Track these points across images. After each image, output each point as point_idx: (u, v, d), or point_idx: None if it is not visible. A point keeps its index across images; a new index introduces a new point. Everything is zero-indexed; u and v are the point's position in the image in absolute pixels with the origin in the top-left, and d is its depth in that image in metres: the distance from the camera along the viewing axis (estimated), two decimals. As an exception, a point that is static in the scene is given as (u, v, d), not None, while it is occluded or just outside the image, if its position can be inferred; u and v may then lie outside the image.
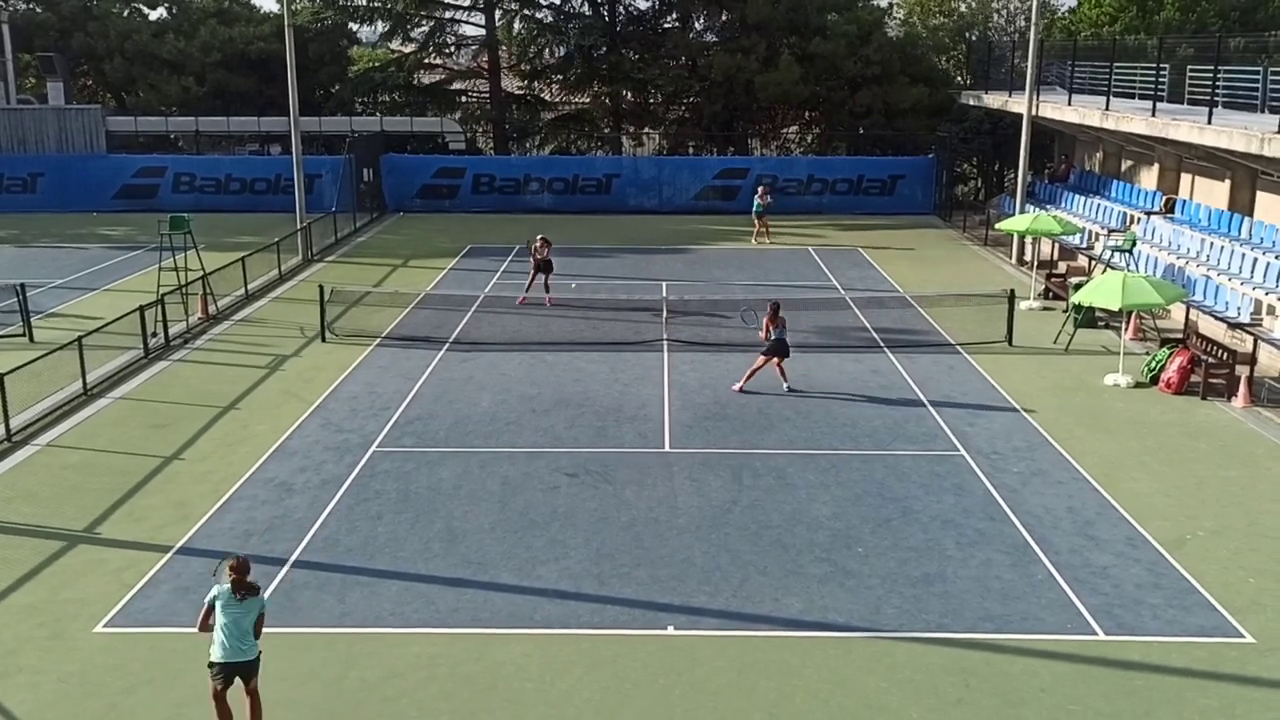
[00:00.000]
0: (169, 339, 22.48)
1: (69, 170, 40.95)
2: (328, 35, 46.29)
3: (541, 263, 25.73)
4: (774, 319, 19.04)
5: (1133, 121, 26.50)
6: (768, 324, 19.09)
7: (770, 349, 19.13)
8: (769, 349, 19.14)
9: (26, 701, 10.25)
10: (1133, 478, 15.57)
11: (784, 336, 19.15)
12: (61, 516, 14.26)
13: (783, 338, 19.12)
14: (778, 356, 19.16)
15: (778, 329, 19.04)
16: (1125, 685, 10.53)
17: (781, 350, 19.16)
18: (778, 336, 19.06)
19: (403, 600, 12.12)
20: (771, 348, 19.11)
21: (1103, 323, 23.63)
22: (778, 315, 19.07)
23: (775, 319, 19.04)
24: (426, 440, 17.10)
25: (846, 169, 41.09)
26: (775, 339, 19.07)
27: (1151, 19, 38.36)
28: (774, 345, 19.09)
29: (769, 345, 19.12)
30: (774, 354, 19.12)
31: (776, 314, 19.07)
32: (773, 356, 19.13)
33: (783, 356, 19.23)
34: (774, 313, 19.07)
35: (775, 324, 19.03)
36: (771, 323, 19.04)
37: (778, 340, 19.07)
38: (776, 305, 19.23)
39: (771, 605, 11.99)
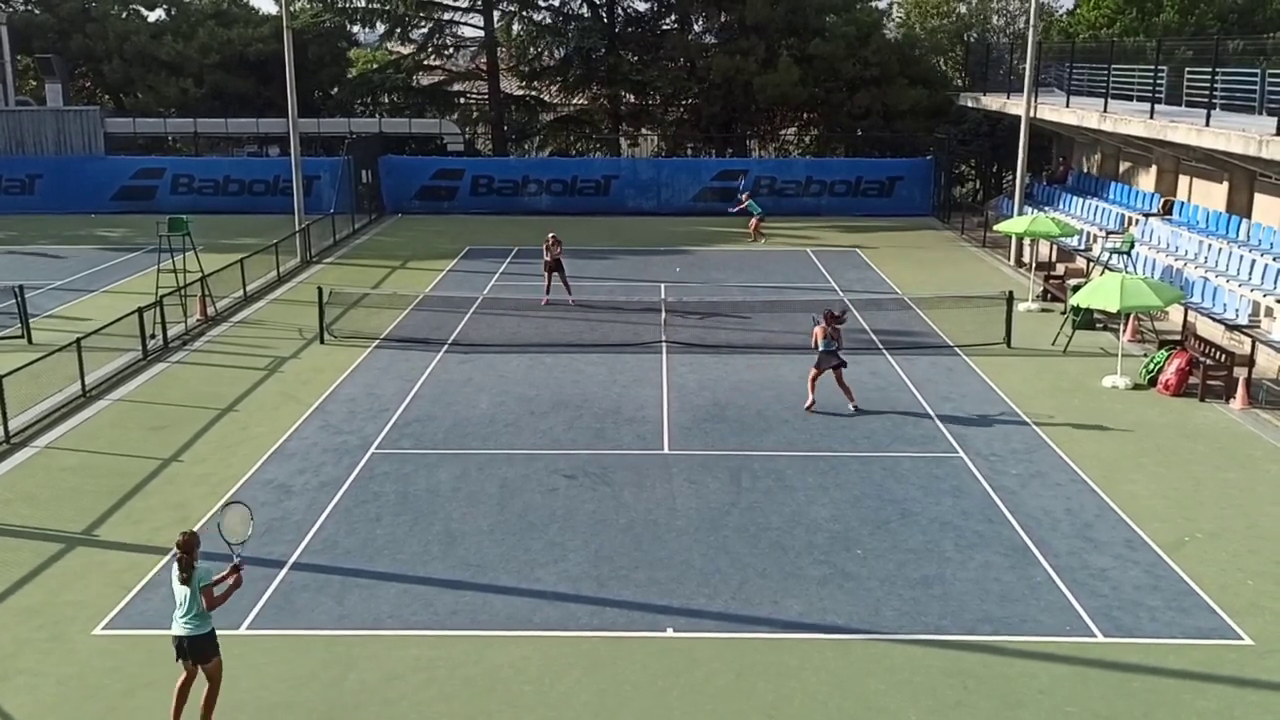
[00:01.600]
0: (168, 341, 22.48)
1: (67, 172, 40.94)
2: (327, 37, 46.32)
3: (552, 263, 25.73)
4: (826, 329, 18.03)
5: (1131, 123, 26.53)
6: (817, 334, 18.15)
7: (819, 362, 18.21)
8: (818, 361, 18.22)
9: (26, 704, 10.24)
10: (1131, 480, 15.58)
11: (833, 348, 18.10)
12: (60, 518, 14.25)
13: (831, 348, 18.09)
14: (831, 367, 18.12)
15: (826, 341, 18.05)
16: (1124, 687, 10.54)
17: (834, 364, 18.12)
18: (825, 348, 18.09)
19: (402, 602, 12.12)
20: (820, 360, 18.19)
21: (1101, 324, 23.65)
22: (831, 325, 18.03)
23: (827, 329, 18.02)
24: (425, 442, 17.10)
25: (845, 170, 41.13)
26: (822, 350, 18.12)
27: (1150, 21, 38.43)
28: (821, 356, 18.17)
29: (818, 357, 18.23)
30: (823, 368, 18.17)
31: (830, 324, 18.04)
32: (823, 370, 18.18)
33: (835, 367, 18.13)
34: (828, 321, 18.08)
35: (826, 334, 18.02)
36: (824, 332, 18.04)
37: (825, 352, 18.10)
38: (831, 315, 18.21)
39: (770, 607, 12.00)
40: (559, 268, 25.81)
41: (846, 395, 18.26)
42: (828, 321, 18.13)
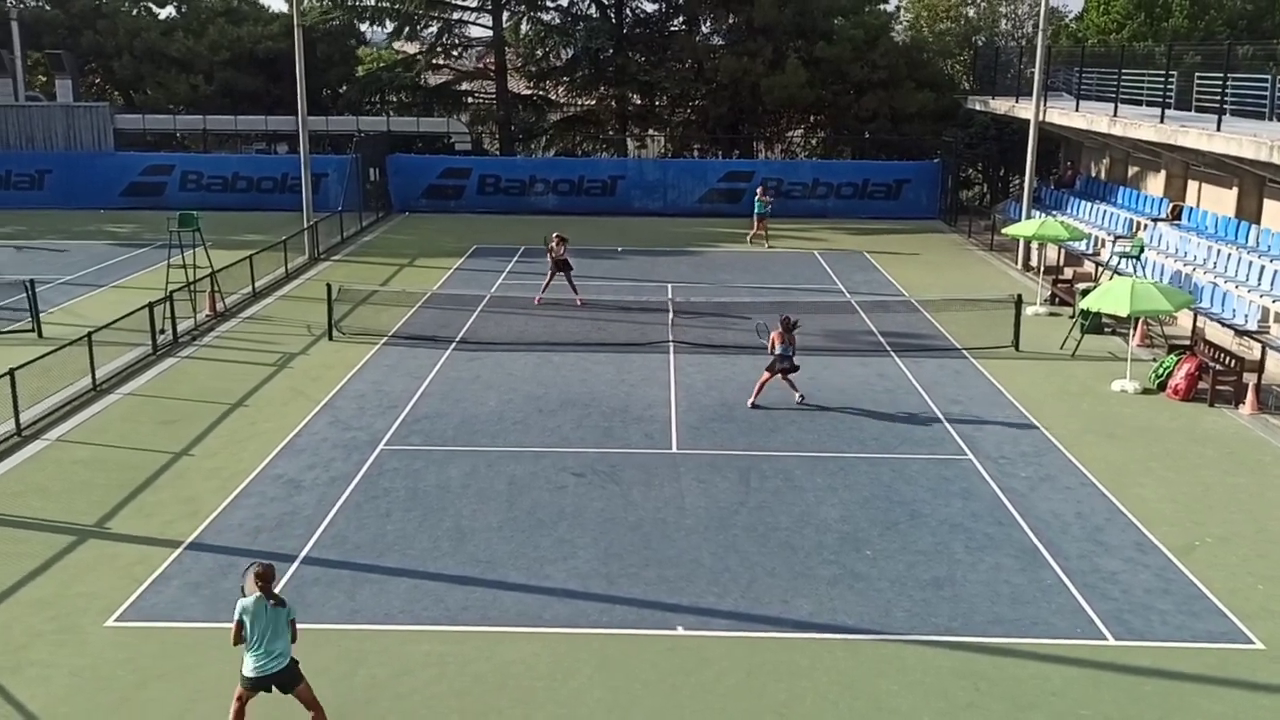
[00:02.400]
0: (177, 336, 22.52)
1: (76, 168, 41.01)
2: (336, 35, 46.36)
3: (559, 262, 25.75)
4: (783, 335, 18.36)
5: (1141, 128, 26.52)
6: (774, 339, 18.45)
7: (772, 364, 18.52)
8: (771, 364, 18.54)
9: (38, 696, 10.27)
10: (1140, 484, 15.58)
11: (789, 354, 18.47)
12: (72, 511, 14.28)
13: (788, 354, 18.45)
14: (782, 372, 18.51)
15: (784, 345, 18.36)
16: (1135, 690, 10.54)
17: (785, 366, 18.51)
18: (782, 353, 18.40)
19: (412, 598, 12.14)
20: (773, 363, 18.50)
21: (1109, 329, 23.64)
22: (788, 332, 18.36)
23: (784, 335, 18.35)
24: (434, 439, 17.12)
25: (851, 173, 41.12)
26: (779, 354, 18.41)
27: (1159, 26, 38.38)
28: (775, 361, 18.45)
29: (771, 360, 18.54)
30: (775, 370, 18.49)
31: (787, 330, 18.36)
32: (775, 373, 18.50)
33: (786, 372, 18.55)
34: (785, 328, 18.37)
35: (783, 340, 18.35)
36: (780, 338, 18.37)
37: (781, 356, 18.41)
38: (788, 322, 18.49)
39: (780, 607, 12.01)
40: (565, 267, 25.82)
41: (792, 387, 18.77)
42: (784, 329, 18.37)
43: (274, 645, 9.33)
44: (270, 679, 9.40)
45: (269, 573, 9.45)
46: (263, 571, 9.42)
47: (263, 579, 9.38)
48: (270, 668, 9.36)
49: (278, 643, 9.35)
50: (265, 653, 9.33)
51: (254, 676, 9.34)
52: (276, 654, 9.36)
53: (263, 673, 9.35)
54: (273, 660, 9.35)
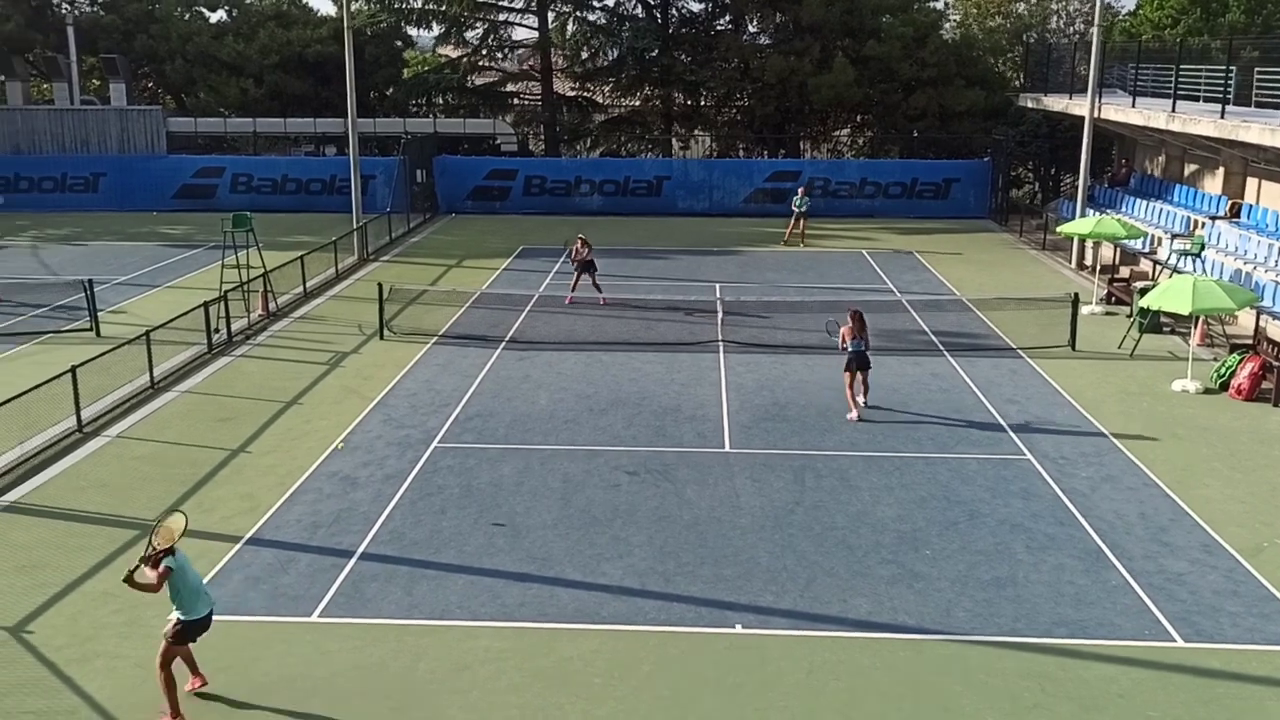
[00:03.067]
0: (231, 335, 22.77)
1: (130, 170, 41.67)
2: (383, 38, 46.73)
3: (583, 263, 25.81)
4: (854, 329, 17.79)
5: (1200, 123, 26.04)
6: (845, 334, 17.86)
7: (847, 362, 17.95)
8: (846, 363, 17.95)
9: (106, 686, 10.40)
10: (1205, 484, 15.27)
11: (861, 348, 17.83)
12: (133, 506, 14.47)
13: (860, 349, 17.82)
14: (860, 370, 17.93)
15: (854, 340, 17.78)
16: (1206, 693, 10.32)
17: (860, 363, 17.89)
18: (854, 348, 17.80)
19: (469, 593, 12.15)
20: (848, 360, 17.93)
21: (1168, 328, 23.23)
22: (859, 325, 17.82)
23: (855, 329, 17.78)
24: (487, 437, 17.16)
25: (899, 172, 40.78)
26: (851, 350, 17.83)
27: (1216, 21, 37.72)
28: (850, 358, 17.89)
29: (846, 359, 17.95)
30: (854, 369, 17.87)
31: (858, 323, 17.82)
32: (855, 371, 17.90)
33: (862, 369, 17.97)
34: (855, 322, 17.82)
35: (854, 334, 17.75)
36: (850, 333, 17.78)
37: (854, 352, 17.82)
38: (857, 315, 17.94)
39: (839, 606, 11.89)
40: (591, 268, 25.87)
41: (864, 398, 18.14)
42: (854, 322, 17.78)
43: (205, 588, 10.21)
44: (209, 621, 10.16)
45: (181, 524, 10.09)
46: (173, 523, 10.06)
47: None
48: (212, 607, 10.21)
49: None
50: (207, 594, 10.18)
51: (204, 615, 10.09)
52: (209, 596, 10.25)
53: (211, 611, 10.17)
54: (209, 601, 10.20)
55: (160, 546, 9.81)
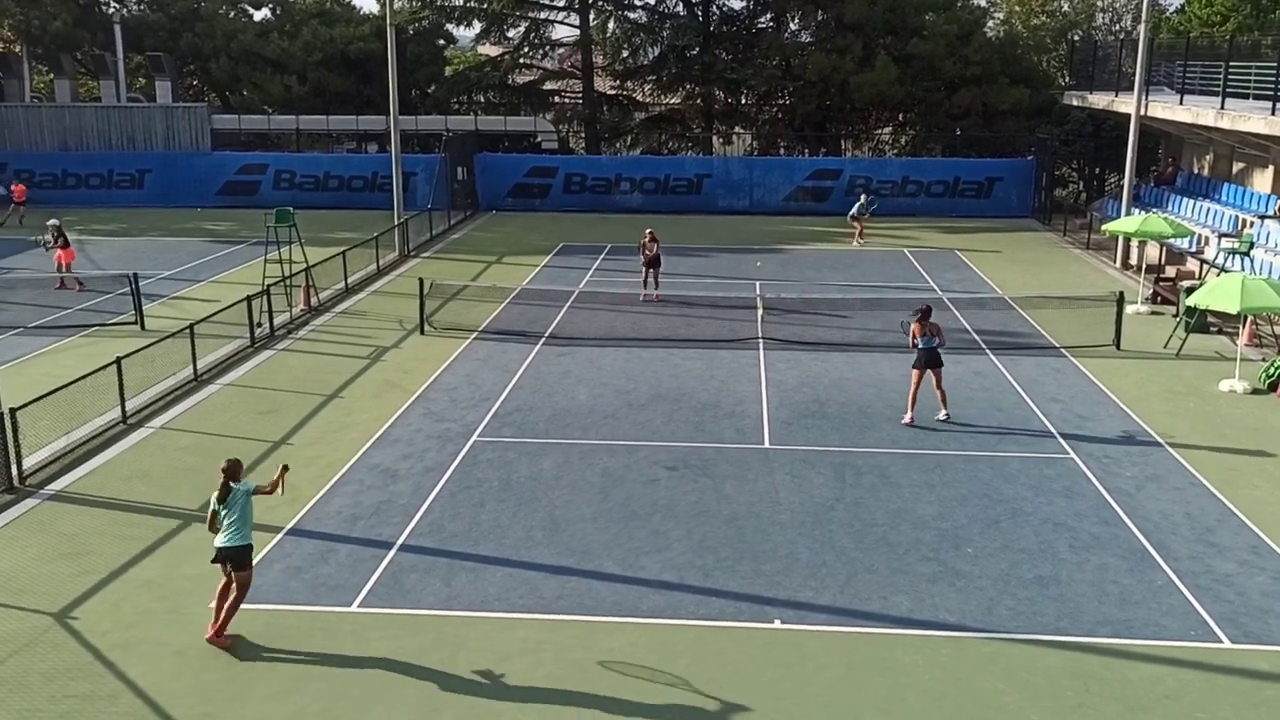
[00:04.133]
0: (274, 329, 22.99)
1: (175, 167, 42.25)
2: (424, 35, 47.05)
3: (652, 258, 25.84)
4: (922, 325, 17.16)
5: (1251, 120, 25.60)
6: (915, 330, 17.27)
7: (916, 360, 17.33)
8: (916, 360, 17.32)
9: (148, 673, 10.51)
10: (1254, 485, 14.99)
11: (934, 346, 17.13)
12: (177, 496, 14.64)
13: (932, 347, 17.12)
14: (930, 369, 17.21)
15: (924, 337, 17.14)
16: (1255, 695, 10.12)
17: (931, 361, 17.18)
18: (924, 345, 17.14)
19: (508, 586, 12.17)
20: (918, 358, 17.30)
21: (1215, 328, 22.85)
22: (926, 321, 17.16)
23: (924, 325, 17.15)
24: (526, 431, 17.19)
25: (942, 171, 40.45)
26: (922, 348, 17.18)
27: (1266, 18, 37.07)
28: (920, 356, 17.24)
29: (916, 357, 17.34)
30: (922, 366, 17.21)
31: (925, 319, 17.16)
32: (923, 370, 17.20)
33: (934, 367, 17.21)
34: (923, 318, 17.20)
35: (924, 331, 17.12)
36: (920, 329, 17.18)
37: (924, 350, 17.17)
38: (926, 310, 17.37)
39: (880, 603, 11.79)
40: (656, 263, 25.88)
41: (941, 400, 17.35)
42: (923, 317, 17.25)
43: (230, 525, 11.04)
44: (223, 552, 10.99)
45: (230, 469, 11.23)
46: (227, 466, 11.23)
47: (226, 472, 11.18)
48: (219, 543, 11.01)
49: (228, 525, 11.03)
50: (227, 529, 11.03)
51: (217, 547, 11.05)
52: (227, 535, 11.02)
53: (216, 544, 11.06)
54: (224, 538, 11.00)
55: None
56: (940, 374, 17.39)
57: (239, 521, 11.00)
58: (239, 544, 10.98)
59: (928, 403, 17.48)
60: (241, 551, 11.01)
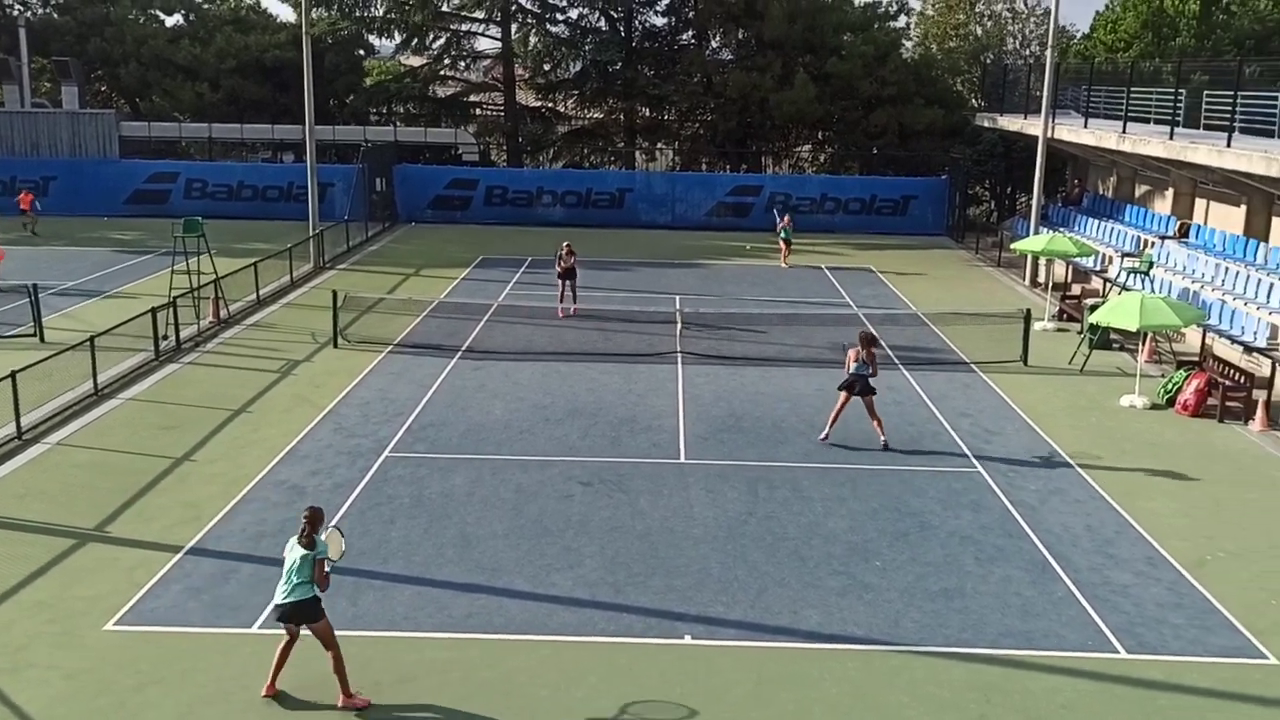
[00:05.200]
0: (180, 342, 22.42)
1: (81, 174, 41.07)
2: (343, 45, 46.48)
3: (567, 270, 25.76)
4: (859, 352, 16.91)
5: (1150, 144, 26.46)
6: (851, 355, 17.10)
7: (845, 383, 17.18)
8: (844, 383, 17.21)
9: (36, 698, 10.11)
10: (1151, 498, 15.43)
11: (865, 374, 16.94)
12: (72, 514, 14.16)
13: (863, 373, 16.94)
14: (860, 395, 17.03)
15: (858, 364, 16.93)
16: (1149, 704, 10.38)
17: (863, 389, 16.99)
18: (856, 371, 16.97)
19: (416, 604, 11.99)
20: (847, 381, 17.14)
21: (1117, 345, 23.53)
22: (868, 349, 16.92)
23: (860, 352, 16.89)
24: (439, 446, 16.99)
25: (859, 189, 41.10)
26: (853, 373, 17.02)
27: (1167, 45, 38.41)
28: (850, 380, 17.08)
29: (846, 380, 17.19)
30: (850, 390, 17.10)
31: (865, 347, 16.93)
32: (850, 394, 17.08)
33: (864, 394, 17.03)
34: (863, 344, 17.00)
35: (858, 357, 16.88)
36: (857, 355, 16.95)
37: (856, 375, 16.99)
38: (866, 337, 17.28)
39: (790, 617, 11.85)
40: (572, 275, 25.84)
41: (877, 427, 17.17)
42: (863, 345, 17.12)
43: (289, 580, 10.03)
44: (280, 610, 10.10)
45: (313, 516, 10.13)
46: (310, 514, 10.15)
47: (310, 520, 10.10)
48: (281, 600, 10.08)
49: (292, 578, 10.00)
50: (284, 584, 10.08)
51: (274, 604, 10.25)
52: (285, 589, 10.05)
53: (277, 601, 10.16)
54: (284, 593, 10.05)
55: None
56: (871, 401, 17.23)
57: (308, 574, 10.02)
58: (306, 597, 10.01)
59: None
60: (310, 604, 10.06)
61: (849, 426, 18.10)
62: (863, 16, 44.63)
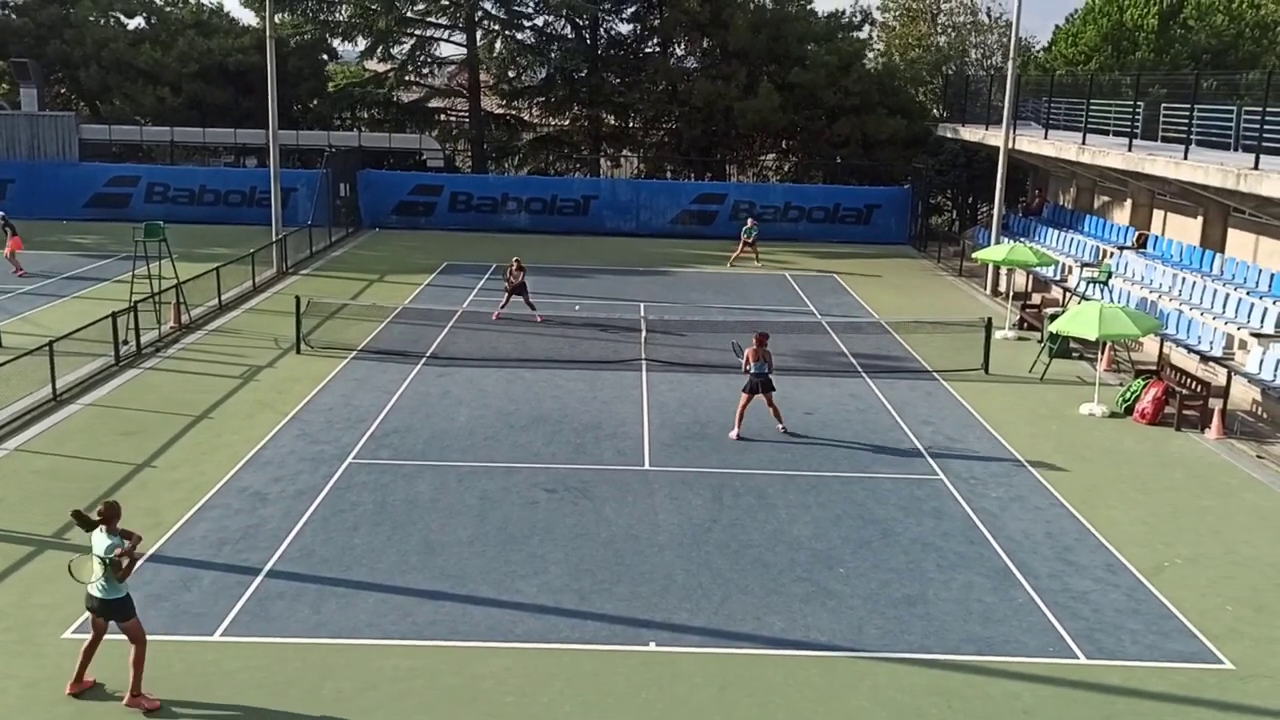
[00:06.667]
0: (141, 347, 22.17)
1: (40, 177, 40.46)
2: (307, 49, 46.15)
3: (515, 286, 25.73)
4: (757, 351, 17.83)
5: (1109, 155, 26.87)
6: (749, 355, 17.93)
7: (749, 384, 18.04)
8: (747, 385, 18.06)
9: (-9, 707, 9.97)
10: (1110, 505, 15.65)
11: (765, 371, 17.87)
12: (29, 521, 13.96)
13: (764, 372, 17.86)
14: (761, 393, 17.91)
15: (758, 362, 17.81)
16: (1107, 709, 10.52)
17: (763, 386, 17.93)
18: (757, 371, 17.84)
19: (380, 612, 11.93)
20: (750, 382, 18.02)
21: (1077, 353, 23.84)
22: (762, 348, 17.83)
23: (759, 351, 17.81)
24: (403, 453, 16.92)
25: (823, 197, 41.35)
26: (754, 373, 17.88)
27: (1126, 59, 39.02)
28: (751, 380, 17.96)
29: (748, 381, 18.07)
30: (753, 390, 17.95)
31: (761, 346, 17.84)
32: (753, 394, 17.93)
33: (765, 392, 17.97)
34: (758, 344, 17.87)
35: (758, 357, 17.77)
36: (755, 355, 17.83)
37: (756, 375, 17.87)
38: (762, 337, 18.00)
39: (753, 623, 11.91)
40: (522, 290, 25.79)
41: (776, 417, 18.12)
42: (758, 344, 17.84)
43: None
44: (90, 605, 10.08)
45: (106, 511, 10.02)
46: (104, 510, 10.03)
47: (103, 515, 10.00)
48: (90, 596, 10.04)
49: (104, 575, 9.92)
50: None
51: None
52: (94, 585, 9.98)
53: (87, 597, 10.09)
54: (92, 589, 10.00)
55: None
56: (771, 396, 18.12)
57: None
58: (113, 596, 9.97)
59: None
60: (118, 604, 10.03)
61: (812, 434, 18.28)
62: (826, 27, 44.96)
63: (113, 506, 10.10)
